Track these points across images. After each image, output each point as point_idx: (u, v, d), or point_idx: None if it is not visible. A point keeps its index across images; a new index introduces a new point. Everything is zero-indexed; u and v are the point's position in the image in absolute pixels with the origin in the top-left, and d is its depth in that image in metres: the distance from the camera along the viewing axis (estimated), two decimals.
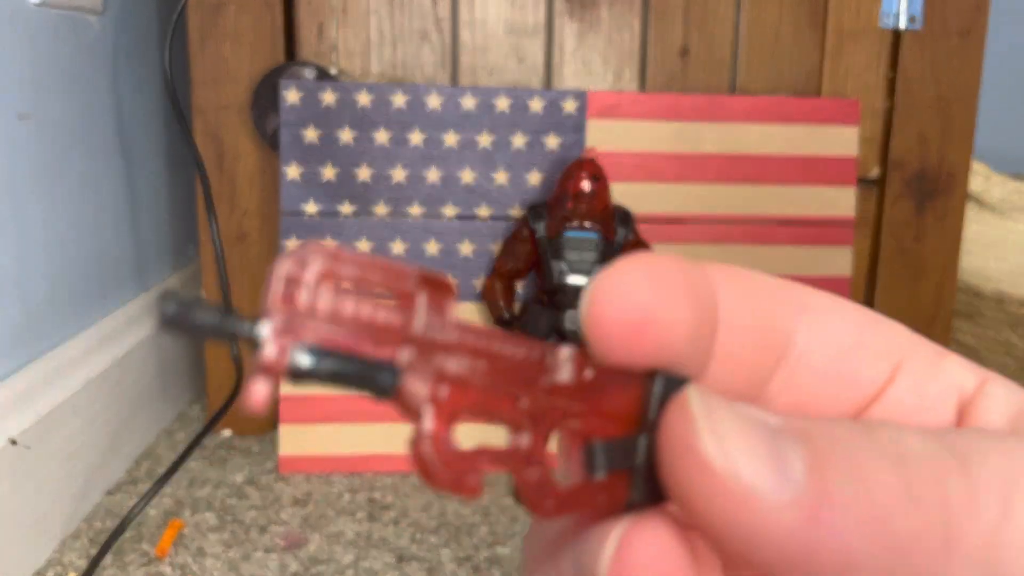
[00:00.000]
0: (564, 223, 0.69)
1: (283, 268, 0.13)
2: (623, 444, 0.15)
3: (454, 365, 0.14)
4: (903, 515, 0.13)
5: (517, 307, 0.73)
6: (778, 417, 0.14)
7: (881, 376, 0.17)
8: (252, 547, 0.61)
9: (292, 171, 0.72)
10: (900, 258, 0.83)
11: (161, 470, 0.69)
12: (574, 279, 0.68)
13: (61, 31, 0.65)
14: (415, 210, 0.74)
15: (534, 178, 0.75)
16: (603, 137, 0.75)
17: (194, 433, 0.76)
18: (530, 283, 0.74)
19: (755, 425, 0.13)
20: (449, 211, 0.74)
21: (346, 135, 0.73)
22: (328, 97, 0.72)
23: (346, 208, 0.73)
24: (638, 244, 0.72)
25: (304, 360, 0.12)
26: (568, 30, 0.79)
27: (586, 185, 0.69)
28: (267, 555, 0.60)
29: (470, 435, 0.15)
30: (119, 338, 0.71)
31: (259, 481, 0.70)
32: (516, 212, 0.74)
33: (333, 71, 0.75)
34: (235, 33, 0.74)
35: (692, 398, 0.14)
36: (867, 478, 0.13)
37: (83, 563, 0.57)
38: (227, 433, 0.78)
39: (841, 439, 0.13)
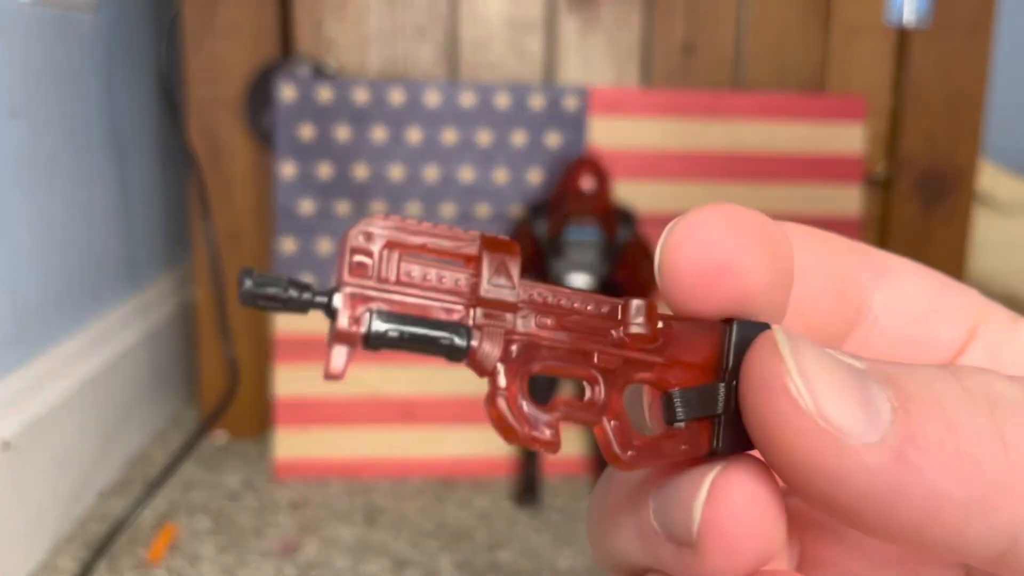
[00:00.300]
0: (565, 222, 0.68)
1: (351, 239, 0.13)
2: (703, 392, 0.15)
3: (523, 324, 0.14)
4: (992, 459, 0.13)
5: None
6: (864, 360, 0.14)
7: (957, 340, 0.17)
8: (247, 552, 0.60)
9: (287, 169, 0.71)
10: (907, 258, 0.82)
11: (155, 473, 0.68)
12: (575, 279, 0.67)
13: (54, 29, 0.64)
14: (413, 209, 0.73)
15: (534, 176, 0.74)
16: (605, 134, 0.74)
17: (187, 435, 0.75)
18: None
19: (843, 366, 0.13)
20: (448, 210, 0.73)
21: (343, 132, 0.72)
22: (324, 94, 0.71)
23: (343, 207, 0.72)
24: (639, 244, 0.71)
25: (378, 325, 0.13)
26: (569, 26, 0.77)
27: (587, 184, 0.68)
28: (263, 560, 0.59)
29: None
30: (112, 339, 0.71)
31: (255, 484, 0.69)
32: (516, 211, 0.73)
33: (331, 66, 0.74)
34: (231, 29, 0.72)
35: (780, 339, 0.13)
36: (955, 421, 0.13)
37: (76, 567, 0.57)
38: (222, 436, 0.77)
39: (928, 381, 0.13)
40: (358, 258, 0.13)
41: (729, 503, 0.14)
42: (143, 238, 0.80)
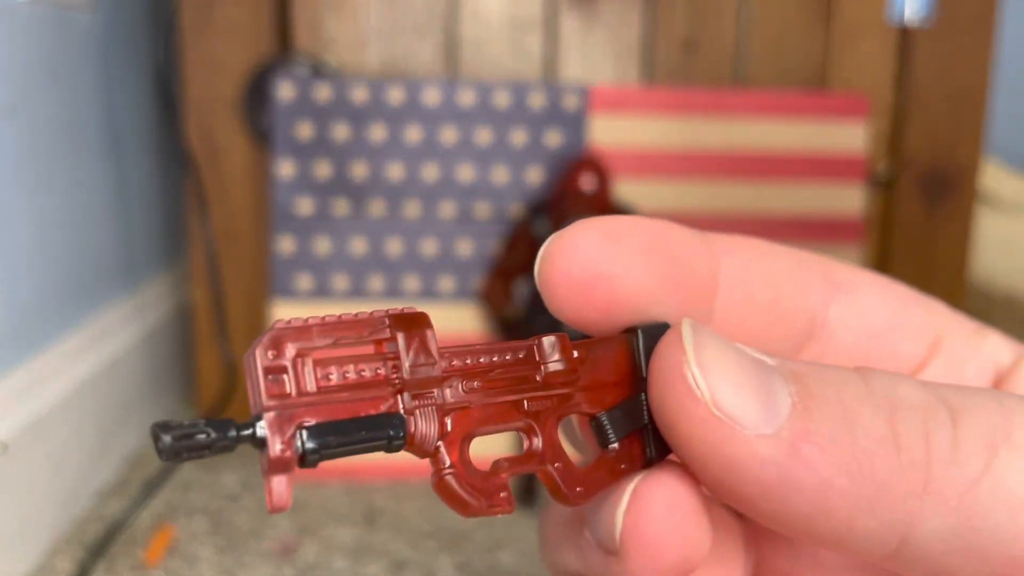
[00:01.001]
0: (565, 222, 0.67)
1: (259, 358, 0.13)
2: (627, 407, 0.15)
3: (452, 394, 0.14)
4: (884, 458, 0.13)
5: (517, 307, 0.72)
6: (777, 358, 0.14)
7: (918, 354, 0.17)
8: (246, 553, 0.60)
9: (286, 168, 0.71)
10: (909, 258, 0.81)
11: (153, 474, 0.68)
12: None
13: (50, 28, 0.63)
14: (412, 208, 0.72)
15: (534, 175, 0.73)
16: (605, 133, 0.74)
17: None
18: (530, 283, 0.72)
19: (746, 359, 0.14)
20: (447, 209, 0.73)
21: (341, 131, 0.71)
22: (322, 93, 0.71)
23: (341, 206, 0.72)
24: None
25: (311, 443, 0.13)
26: (570, 23, 0.77)
27: (588, 183, 0.68)
28: (261, 561, 0.59)
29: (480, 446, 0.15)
30: (109, 339, 0.70)
31: (253, 486, 0.69)
32: (516, 210, 0.73)
33: (330, 65, 0.74)
34: (228, 27, 0.72)
35: (685, 331, 0.14)
36: (854, 420, 0.13)
37: (73, 568, 0.56)
38: None
39: (834, 381, 0.14)
40: (272, 377, 0.13)
41: (648, 509, 0.14)
42: (140, 238, 0.80)
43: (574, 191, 0.68)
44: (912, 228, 0.81)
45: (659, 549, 0.14)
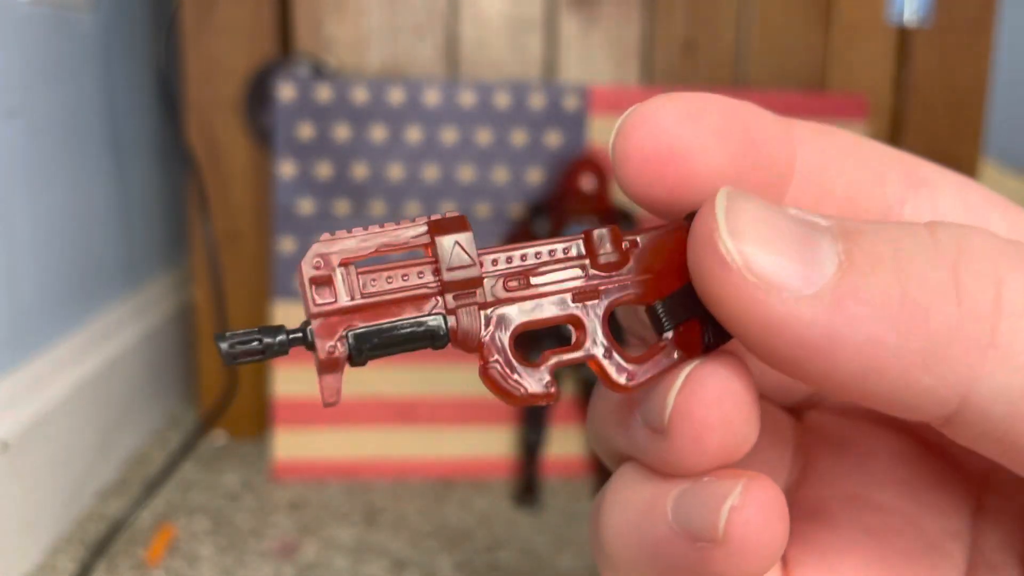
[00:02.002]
0: (565, 222, 0.67)
1: (306, 269, 0.13)
2: (682, 294, 0.15)
3: (493, 291, 0.14)
4: (941, 309, 0.12)
5: None
6: (835, 218, 0.13)
7: None
8: (246, 552, 0.60)
9: (287, 168, 0.71)
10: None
11: (153, 473, 0.68)
12: None
13: (52, 28, 0.63)
14: (413, 209, 0.72)
15: (534, 176, 0.73)
16: (605, 133, 0.74)
17: (186, 435, 0.75)
18: None
19: (790, 222, 0.13)
20: (448, 209, 0.73)
21: (342, 132, 0.71)
22: (323, 93, 0.71)
23: (342, 207, 0.72)
24: None
25: (357, 344, 0.13)
26: (569, 24, 0.77)
27: (588, 183, 0.68)
28: (262, 561, 0.59)
29: None
30: (110, 339, 0.70)
31: (254, 485, 0.69)
32: (516, 211, 0.73)
33: (331, 65, 0.74)
34: (230, 27, 0.72)
35: (718, 199, 0.13)
36: (907, 271, 0.12)
37: (74, 568, 0.56)
38: (221, 436, 0.77)
39: (894, 236, 0.13)
40: (319, 285, 0.14)
41: (700, 394, 0.14)
42: (141, 238, 0.80)
43: (574, 191, 0.68)
44: None
45: (706, 432, 0.14)
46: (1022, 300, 0.12)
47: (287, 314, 0.71)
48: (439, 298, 0.14)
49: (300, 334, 0.14)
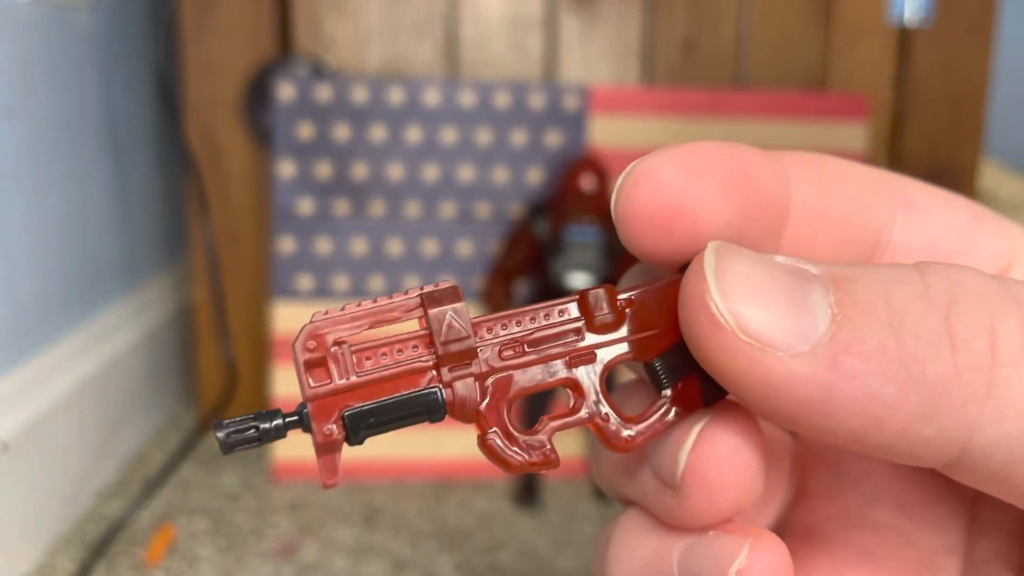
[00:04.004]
0: (565, 222, 0.67)
1: (300, 351, 0.13)
2: (680, 349, 0.14)
3: (490, 362, 0.14)
4: (939, 359, 0.12)
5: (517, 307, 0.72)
6: (824, 264, 0.13)
7: None
8: (246, 553, 0.60)
9: (286, 168, 0.71)
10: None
11: (153, 474, 0.68)
12: (575, 279, 0.67)
13: (51, 28, 0.63)
14: (412, 209, 0.72)
15: (534, 176, 0.73)
16: (605, 133, 0.74)
17: (186, 436, 0.75)
18: (530, 283, 0.72)
19: (780, 274, 0.13)
20: (448, 209, 0.73)
21: (341, 132, 0.71)
22: (323, 93, 0.71)
23: (341, 207, 0.72)
24: None
25: (354, 425, 0.13)
26: (570, 23, 0.77)
27: (588, 183, 0.68)
28: (262, 561, 0.59)
29: None
30: (109, 339, 0.70)
31: (253, 485, 0.69)
32: (516, 211, 0.73)
33: (330, 65, 0.74)
34: (229, 27, 0.72)
35: (707, 256, 0.13)
36: (902, 323, 0.12)
37: (74, 568, 0.56)
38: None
39: (885, 281, 0.13)
40: (313, 367, 0.14)
41: (713, 453, 0.14)
42: (141, 238, 0.80)
43: (574, 191, 0.68)
44: None
45: (719, 490, 0.14)
46: (1015, 347, 0.12)
47: (287, 314, 0.71)
48: (435, 372, 0.14)
49: (296, 417, 0.14)
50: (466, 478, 0.71)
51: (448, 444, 0.72)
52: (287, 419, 0.14)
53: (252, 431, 0.13)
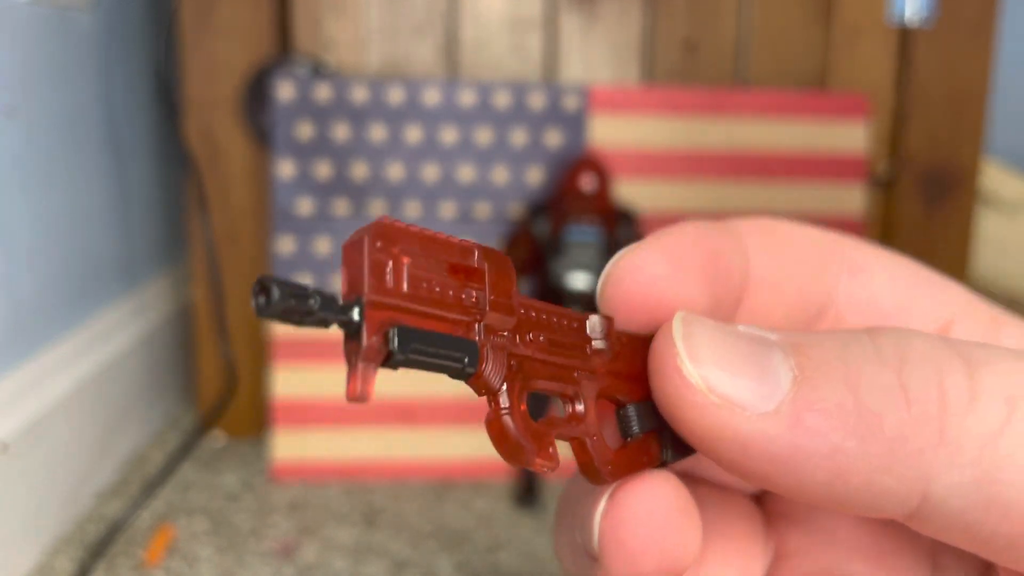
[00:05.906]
0: (565, 222, 0.67)
1: (368, 248, 0.12)
2: (647, 406, 0.15)
3: (520, 341, 0.14)
4: (893, 412, 0.13)
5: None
6: (781, 332, 0.14)
7: None
8: (246, 553, 0.60)
9: (286, 169, 0.71)
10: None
11: (153, 474, 0.68)
12: (575, 279, 0.67)
13: (51, 28, 0.63)
14: (412, 209, 0.72)
15: (534, 176, 0.73)
16: (605, 133, 0.74)
17: (185, 436, 0.75)
18: (530, 283, 0.72)
19: (742, 341, 0.14)
20: (447, 209, 0.73)
21: (341, 132, 0.71)
22: (322, 93, 0.71)
23: (341, 206, 0.72)
24: None
25: (400, 344, 0.12)
26: (570, 23, 0.77)
27: (588, 183, 0.68)
28: (261, 561, 0.59)
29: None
30: (109, 340, 0.70)
31: (253, 486, 0.69)
32: (516, 211, 0.73)
33: (330, 65, 0.74)
34: (229, 27, 0.72)
35: (675, 325, 0.14)
36: (858, 380, 0.13)
37: (74, 568, 0.56)
38: (220, 437, 0.77)
39: (839, 345, 0.14)
40: (377, 269, 0.12)
41: (625, 516, 0.14)
42: (140, 238, 0.80)
43: (574, 191, 0.68)
44: (912, 228, 0.81)
45: (639, 557, 0.14)
46: (963, 398, 0.13)
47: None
48: (475, 326, 0.13)
49: (346, 315, 0.12)
50: (466, 478, 0.71)
51: (448, 445, 0.72)
52: (342, 310, 0.12)
53: (313, 301, 0.12)
